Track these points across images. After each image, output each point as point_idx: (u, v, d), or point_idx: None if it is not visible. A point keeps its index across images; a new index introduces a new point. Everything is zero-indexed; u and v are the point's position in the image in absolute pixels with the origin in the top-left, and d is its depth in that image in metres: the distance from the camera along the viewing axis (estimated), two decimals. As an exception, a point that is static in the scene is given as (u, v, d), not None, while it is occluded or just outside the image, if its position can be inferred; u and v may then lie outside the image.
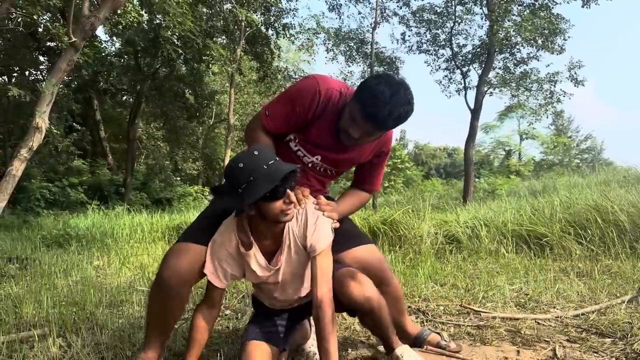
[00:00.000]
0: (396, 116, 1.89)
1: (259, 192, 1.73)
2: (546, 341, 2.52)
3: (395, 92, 1.88)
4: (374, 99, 1.86)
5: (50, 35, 11.87)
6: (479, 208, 7.75)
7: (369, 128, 1.94)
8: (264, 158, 1.76)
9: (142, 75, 16.86)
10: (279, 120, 2.09)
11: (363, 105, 1.89)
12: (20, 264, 5.33)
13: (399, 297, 2.37)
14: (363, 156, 2.22)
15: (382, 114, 1.86)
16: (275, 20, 17.06)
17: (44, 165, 16.05)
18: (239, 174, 1.75)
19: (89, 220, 9.41)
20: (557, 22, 16.50)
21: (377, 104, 1.86)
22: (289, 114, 2.06)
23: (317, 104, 2.03)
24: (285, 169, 1.76)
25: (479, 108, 17.87)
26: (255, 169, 1.73)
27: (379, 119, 1.88)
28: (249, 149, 1.86)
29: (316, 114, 2.05)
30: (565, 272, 4.34)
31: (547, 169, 33.29)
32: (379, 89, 1.87)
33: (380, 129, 1.96)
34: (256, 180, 1.73)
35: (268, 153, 1.81)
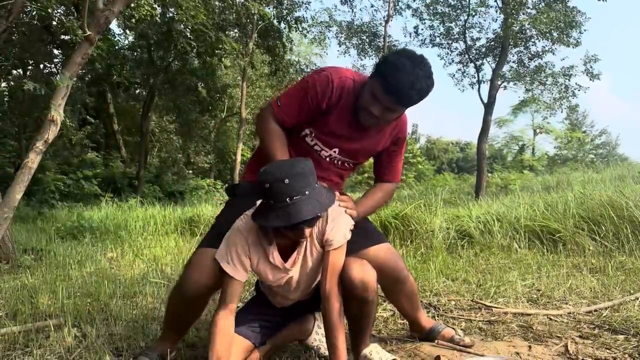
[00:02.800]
0: (419, 89, 1.86)
1: (272, 224, 1.69)
2: (558, 337, 2.51)
3: (417, 64, 1.86)
4: (396, 71, 1.83)
5: (64, 28, 11.96)
6: (491, 203, 7.71)
7: (391, 102, 1.90)
8: (291, 189, 1.62)
9: (155, 68, 16.93)
10: (291, 111, 2.05)
11: (385, 79, 1.85)
12: (35, 255, 5.42)
13: (414, 293, 2.37)
14: (380, 143, 2.18)
15: (405, 86, 1.83)
16: (288, 14, 17.03)
17: (58, 158, 16.24)
18: (262, 189, 1.67)
19: (103, 212, 9.51)
20: (573, 14, 16.28)
21: (399, 76, 1.83)
22: (302, 104, 2.03)
23: (331, 93, 2.00)
24: (304, 215, 1.63)
25: (493, 102, 17.72)
26: (277, 199, 1.63)
27: (402, 91, 1.85)
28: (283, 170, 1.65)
29: (331, 103, 2.02)
30: (578, 268, 4.31)
31: (560, 164, 32.97)
32: (401, 61, 1.85)
33: (402, 103, 1.92)
34: (274, 211, 1.65)
35: (298, 184, 1.64)
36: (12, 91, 14.77)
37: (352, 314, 1.99)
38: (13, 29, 10.98)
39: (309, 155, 2.09)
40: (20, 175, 2.96)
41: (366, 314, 1.99)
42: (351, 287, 1.88)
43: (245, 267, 1.86)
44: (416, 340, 2.46)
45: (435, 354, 2.22)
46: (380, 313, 2.97)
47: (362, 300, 1.91)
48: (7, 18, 4.48)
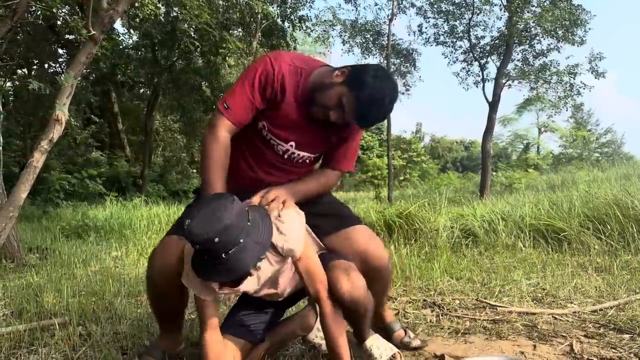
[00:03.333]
0: (381, 120, 1.98)
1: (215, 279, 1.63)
2: (563, 336, 2.50)
3: (392, 98, 1.88)
4: (372, 104, 1.84)
5: (69, 28, 12.00)
6: (496, 202, 7.70)
7: (352, 121, 1.92)
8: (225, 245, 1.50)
9: (159, 68, 16.95)
10: (240, 108, 1.93)
11: (360, 105, 1.84)
12: (40, 254, 5.44)
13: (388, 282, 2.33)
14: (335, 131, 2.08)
15: (373, 118, 1.90)
16: (292, 13, 17.02)
17: (63, 157, 16.28)
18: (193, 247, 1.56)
19: (107, 211, 9.53)
20: (578, 12, 16.22)
21: (373, 109, 1.85)
22: (248, 97, 1.91)
23: (273, 79, 1.92)
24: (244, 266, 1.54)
25: (497, 101, 17.69)
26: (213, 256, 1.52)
27: (369, 122, 1.93)
28: (206, 229, 1.49)
29: (275, 90, 1.93)
30: (583, 267, 4.29)
31: (566, 162, 32.87)
32: (380, 93, 1.84)
33: (362, 126, 2.01)
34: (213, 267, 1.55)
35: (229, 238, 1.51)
36: (17, 91, 14.81)
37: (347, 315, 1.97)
38: (18, 28, 11.02)
39: (266, 151, 2.04)
40: (26, 174, 2.97)
41: (362, 319, 2.01)
42: (341, 302, 1.85)
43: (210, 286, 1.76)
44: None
45: (439, 352, 2.22)
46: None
47: (355, 313, 1.93)
48: (12, 18, 4.48)
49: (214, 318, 1.78)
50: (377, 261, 2.10)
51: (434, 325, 2.75)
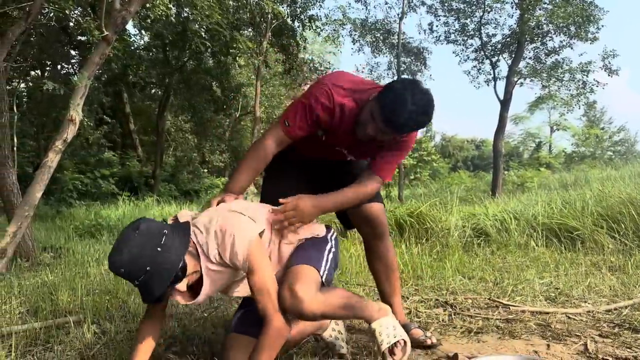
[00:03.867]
0: (412, 125, 1.98)
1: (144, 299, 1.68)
2: (577, 336, 2.48)
3: (417, 97, 1.92)
4: (395, 104, 1.92)
5: (81, 29, 12.12)
6: (508, 201, 7.65)
7: (385, 129, 1.98)
8: (132, 274, 1.59)
9: (170, 68, 17.05)
10: (298, 129, 2.13)
11: (384, 108, 1.94)
12: (54, 253, 5.50)
13: (393, 269, 2.46)
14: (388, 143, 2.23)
15: (399, 120, 1.92)
16: (302, 12, 17.02)
17: (76, 157, 16.43)
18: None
19: (120, 211, 9.63)
20: (591, 9, 16.07)
21: (396, 110, 1.91)
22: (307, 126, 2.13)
23: (331, 119, 2.11)
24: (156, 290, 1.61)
25: (509, 99, 17.59)
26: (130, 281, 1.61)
27: (397, 124, 1.95)
28: (115, 262, 1.59)
29: (333, 124, 2.13)
30: (597, 267, 4.25)
31: (578, 161, 32.56)
32: (403, 96, 1.91)
33: (396, 132, 2.02)
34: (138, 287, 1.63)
35: (134, 268, 1.58)
36: (31, 92, 14.99)
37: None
38: (31, 30, 11.14)
39: (322, 146, 2.26)
40: (40, 174, 3.01)
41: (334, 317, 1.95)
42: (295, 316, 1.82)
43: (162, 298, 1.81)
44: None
45: (452, 351, 2.21)
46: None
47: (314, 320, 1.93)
48: (26, 20, 4.54)
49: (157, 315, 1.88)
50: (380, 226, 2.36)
51: (446, 325, 2.74)
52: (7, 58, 5.04)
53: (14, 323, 2.72)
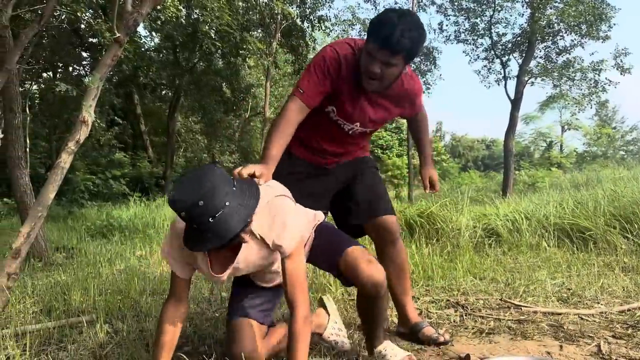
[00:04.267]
0: (409, 36, 1.91)
1: (204, 247, 1.58)
2: (590, 337, 2.46)
3: (402, 15, 1.93)
4: (384, 25, 1.92)
5: (92, 31, 12.23)
6: (519, 201, 7.60)
7: (386, 55, 1.95)
8: (210, 209, 1.50)
9: (181, 69, 17.14)
10: (314, 92, 2.12)
11: (376, 34, 1.93)
12: (66, 253, 5.56)
13: (404, 270, 2.46)
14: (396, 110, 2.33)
15: (395, 35, 1.88)
16: (311, 13, 17.05)
17: (87, 158, 16.57)
18: (181, 218, 1.55)
19: (131, 211, 9.68)
20: (602, 7, 15.92)
21: (386, 27, 1.90)
22: (320, 84, 2.11)
23: (339, 71, 2.11)
24: (233, 228, 1.53)
25: (520, 98, 17.48)
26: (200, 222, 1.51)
27: (393, 40, 1.89)
28: (194, 192, 1.51)
29: (342, 75, 2.11)
30: (609, 267, 4.21)
31: (590, 161, 32.27)
32: (387, 16, 1.94)
33: (397, 52, 1.94)
34: (202, 234, 1.53)
35: (214, 202, 1.50)
36: (43, 93, 15.14)
37: (364, 308, 2.09)
38: (43, 32, 11.26)
39: (333, 128, 2.28)
40: (53, 175, 3.03)
41: (378, 308, 2.04)
42: (362, 286, 1.94)
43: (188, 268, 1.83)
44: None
45: (464, 352, 2.21)
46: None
47: (374, 297, 1.97)
48: (39, 22, 4.58)
49: (183, 294, 1.85)
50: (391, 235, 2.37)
51: (458, 325, 2.73)
52: (20, 60, 5.10)
53: (27, 322, 2.75)
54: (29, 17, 8.92)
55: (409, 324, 2.45)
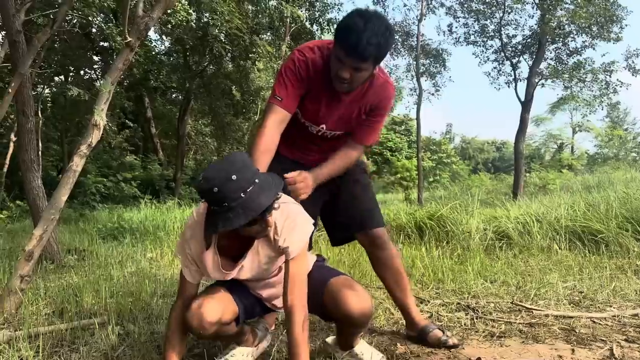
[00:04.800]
0: (375, 43, 1.90)
1: (235, 223, 1.59)
2: (603, 340, 2.44)
3: (368, 20, 1.91)
4: (349, 30, 1.91)
5: (103, 35, 12.34)
6: (530, 203, 7.54)
7: (354, 61, 1.95)
8: (242, 183, 1.57)
9: (191, 73, 17.23)
10: (291, 96, 2.14)
11: (342, 41, 1.93)
12: (78, 256, 5.59)
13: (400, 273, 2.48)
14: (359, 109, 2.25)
15: (361, 42, 1.88)
16: (320, 16, 17.06)
17: (99, 161, 16.69)
18: (211, 197, 1.59)
19: (142, 213, 9.72)
20: (614, 9, 15.80)
21: (353, 34, 1.89)
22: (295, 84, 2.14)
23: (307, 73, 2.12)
24: (263, 203, 1.60)
25: (530, 100, 17.38)
26: (232, 197, 1.56)
27: (359, 48, 1.89)
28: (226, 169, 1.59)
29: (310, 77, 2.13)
30: (622, 270, 4.17)
31: (601, 162, 31.98)
32: (352, 20, 1.92)
33: (363, 59, 1.95)
34: (230, 212, 1.58)
35: (246, 176, 1.59)
36: (55, 97, 15.27)
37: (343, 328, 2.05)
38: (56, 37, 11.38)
39: (304, 131, 2.31)
40: (66, 177, 3.06)
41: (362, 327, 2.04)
42: (350, 318, 1.89)
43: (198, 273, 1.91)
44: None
45: (475, 355, 2.20)
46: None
47: (360, 326, 1.98)
48: (51, 27, 4.64)
49: (191, 297, 1.90)
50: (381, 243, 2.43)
51: (469, 329, 2.72)
52: (33, 64, 5.15)
53: (40, 324, 2.77)
54: (41, 22, 9.01)
55: (416, 327, 2.46)
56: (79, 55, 14.70)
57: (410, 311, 2.49)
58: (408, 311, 2.50)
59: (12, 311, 2.96)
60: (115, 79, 3.15)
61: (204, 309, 1.81)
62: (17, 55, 4.65)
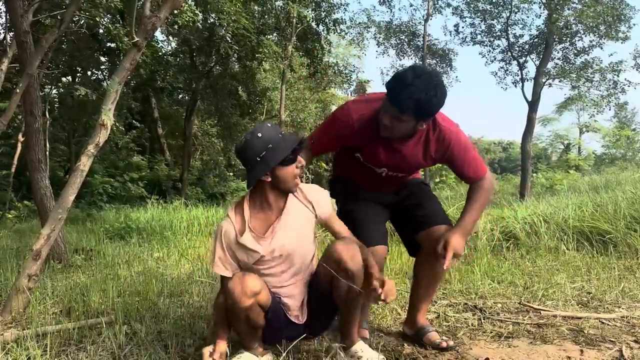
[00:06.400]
0: (417, 99, 1.97)
1: (280, 155, 1.97)
2: (611, 341, 2.42)
3: (418, 76, 1.99)
4: (397, 80, 2.03)
5: (110, 36, 12.38)
6: (537, 204, 7.49)
7: (394, 111, 2.05)
8: (276, 129, 2.05)
9: (197, 73, 17.26)
10: (318, 147, 2.40)
11: (389, 89, 2.05)
12: (85, 255, 5.62)
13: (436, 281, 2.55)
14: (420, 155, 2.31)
15: (402, 95, 1.98)
16: (326, 16, 17.05)
17: (106, 161, 16.75)
18: (257, 143, 1.98)
19: (149, 214, 9.76)
20: (621, 8, 15.69)
21: (397, 85, 2.01)
22: (329, 141, 2.38)
23: (352, 132, 2.25)
24: (294, 138, 2.04)
25: (537, 100, 17.27)
26: (273, 137, 1.99)
27: (400, 100, 2.00)
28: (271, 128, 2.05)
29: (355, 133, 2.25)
30: (630, 271, 4.14)
31: (608, 163, 31.75)
32: (404, 74, 2.02)
33: (401, 110, 2.03)
34: (276, 146, 1.97)
35: (276, 126, 2.07)
36: (62, 97, 15.34)
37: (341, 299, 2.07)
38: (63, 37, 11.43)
39: (367, 170, 2.42)
40: (73, 177, 3.06)
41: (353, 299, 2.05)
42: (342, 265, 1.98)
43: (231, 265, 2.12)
44: (462, 343, 2.43)
45: (483, 356, 2.18)
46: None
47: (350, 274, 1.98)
48: (59, 27, 4.66)
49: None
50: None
51: (476, 329, 2.70)
52: (40, 65, 5.18)
53: (48, 323, 2.78)
54: (49, 23, 9.06)
55: (415, 326, 2.49)
56: (86, 56, 14.76)
57: (419, 313, 2.51)
58: (417, 312, 2.50)
59: (19, 310, 2.98)
60: (123, 79, 3.15)
61: (247, 277, 1.98)
62: (25, 55, 4.68)
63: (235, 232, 2.10)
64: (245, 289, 1.95)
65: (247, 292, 1.95)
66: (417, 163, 2.36)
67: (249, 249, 2.08)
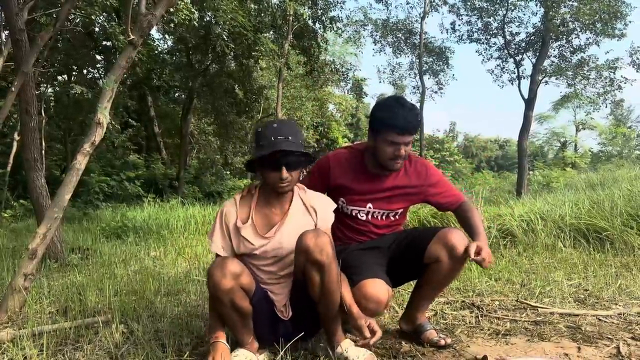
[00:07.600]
0: (416, 114, 2.31)
1: (254, 154, 2.06)
2: (609, 338, 2.43)
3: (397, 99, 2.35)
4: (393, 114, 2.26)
5: (106, 34, 12.35)
6: (534, 201, 7.51)
7: (406, 137, 2.29)
8: (276, 131, 2.03)
9: (194, 71, 17.22)
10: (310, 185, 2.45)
11: (391, 126, 2.26)
12: (82, 254, 5.60)
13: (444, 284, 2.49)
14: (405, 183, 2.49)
15: (408, 118, 2.26)
16: (323, 14, 17.02)
17: (102, 160, 16.71)
18: (255, 135, 2.11)
19: (145, 212, 9.73)
20: (617, 5, 15.73)
21: (398, 115, 2.25)
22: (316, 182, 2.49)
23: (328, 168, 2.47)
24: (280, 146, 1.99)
25: (533, 98, 17.32)
26: (264, 136, 2.04)
27: (410, 124, 2.27)
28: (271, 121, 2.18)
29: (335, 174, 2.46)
30: (627, 268, 4.15)
31: (605, 160, 31.84)
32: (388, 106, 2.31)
33: (413, 131, 2.31)
34: (258, 147, 2.04)
35: (283, 129, 2.04)
36: (58, 96, 15.28)
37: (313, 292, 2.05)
38: (58, 36, 11.39)
39: (353, 223, 2.50)
40: (69, 176, 3.05)
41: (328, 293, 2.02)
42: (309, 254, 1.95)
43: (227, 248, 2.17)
44: (460, 341, 2.43)
45: (481, 354, 2.18)
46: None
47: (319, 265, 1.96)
48: (54, 25, 4.64)
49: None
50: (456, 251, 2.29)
51: (474, 327, 2.70)
52: (36, 63, 5.16)
53: (44, 323, 2.77)
54: (44, 21, 9.02)
55: (414, 322, 2.48)
56: (82, 54, 14.70)
57: (419, 310, 2.49)
58: (417, 310, 2.48)
59: (16, 309, 2.96)
60: (119, 77, 3.14)
61: (227, 260, 2.00)
62: (20, 54, 4.66)
63: (237, 217, 2.15)
64: (225, 270, 1.95)
65: (226, 274, 1.95)
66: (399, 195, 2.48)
67: (245, 239, 2.13)
